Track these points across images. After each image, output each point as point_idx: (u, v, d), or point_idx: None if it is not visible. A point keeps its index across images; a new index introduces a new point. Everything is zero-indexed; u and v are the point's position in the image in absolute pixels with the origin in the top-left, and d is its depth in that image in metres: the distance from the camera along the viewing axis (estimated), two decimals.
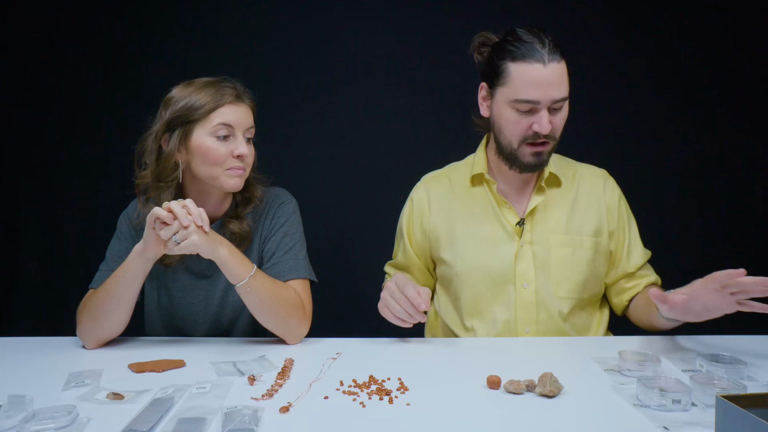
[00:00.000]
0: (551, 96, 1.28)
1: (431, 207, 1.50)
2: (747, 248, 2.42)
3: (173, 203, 1.16)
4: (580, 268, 1.40)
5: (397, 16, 2.45)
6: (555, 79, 1.27)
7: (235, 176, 1.28)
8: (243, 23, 2.45)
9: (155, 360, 1.18)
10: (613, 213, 1.45)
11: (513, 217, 1.42)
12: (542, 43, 1.27)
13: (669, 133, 2.45)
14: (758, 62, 2.40)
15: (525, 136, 1.33)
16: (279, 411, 0.94)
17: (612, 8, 2.40)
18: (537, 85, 1.27)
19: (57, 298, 2.50)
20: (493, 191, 1.44)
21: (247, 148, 1.29)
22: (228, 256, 1.21)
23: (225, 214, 1.38)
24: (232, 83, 1.31)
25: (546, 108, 1.29)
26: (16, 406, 0.93)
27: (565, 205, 1.44)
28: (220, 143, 1.26)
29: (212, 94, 1.26)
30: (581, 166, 1.52)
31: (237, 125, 1.27)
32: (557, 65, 1.27)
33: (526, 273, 1.40)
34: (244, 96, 1.31)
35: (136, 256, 1.22)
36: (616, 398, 0.99)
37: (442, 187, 1.52)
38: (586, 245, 1.41)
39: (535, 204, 1.41)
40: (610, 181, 1.50)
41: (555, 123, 1.32)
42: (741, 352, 1.20)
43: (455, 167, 1.56)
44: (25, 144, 2.50)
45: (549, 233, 1.41)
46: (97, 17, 2.44)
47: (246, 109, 1.31)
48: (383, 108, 2.47)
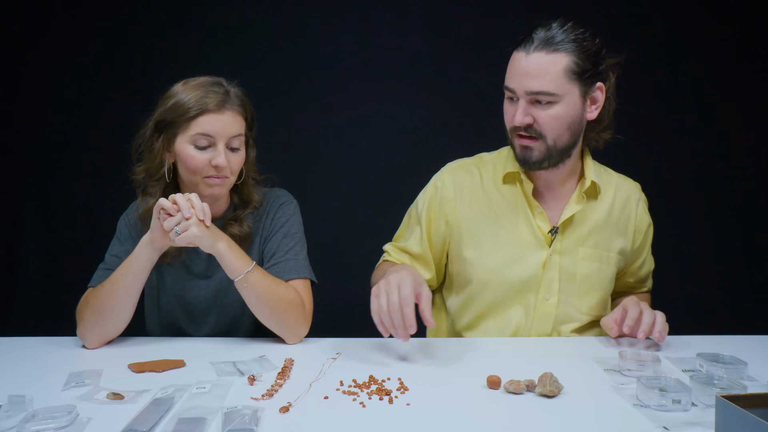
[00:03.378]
0: (526, 86, 1.23)
1: (457, 198, 1.40)
2: (748, 247, 2.42)
3: (179, 195, 1.19)
4: (602, 285, 1.38)
5: (399, 17, 2.45)
6: (535, 70, 1.23)
7: (213, 185, 1.27)
8: (246, 22, 2.45)
9: (155, 360, 1.18)
10: (640, 233, 1.43)
11: (545, 224, 1.36)
12: (539, 34, 1.24)
13: (669, 133, 2.45)
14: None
15: (512, 126, 1.29)
16: (279, 411, 0.94)
17: (612, 8, 2.41)
18: (516, 73, 1.25)
19: (57, 298, 2.50)
20: (526, 192, 1.37)
21: (227, 157, 1.25)
22: (227, 250, 1.22)
23: (224, 215, 1.38)
24: (224, 87, 1.28)
25: (525, 99, 1.25)
26: (16, 406, 0.93)
27: (599, 217, 1.38)
28: (198, 152, 1.25)
29: (196, 99, 1.23)
30: (617, 177, 1.46)
31: (217, 135, 1.24)
32: (544, 56, 1.22)
33: (551, 284, 1.35)
34: (233, 102, 1.27)
35: (143, 247, 1.24)
36: (616, 398, 0.99)
37: (471, 178, 1.42)
38: (612, 262, 1.38)
39: (572, 213, 1.34)
40: (643, 198, 1.46)
41: (540, 118, 1.25)
42: (741, 352, 1.20)
43: (485, 159, 1.46)
44: (26, 144, 2.50)
45: (578, 245, 1.36)
46: (98, 17, 2.44)
47: (231, 116, 1.26)
48: (384, 109, 2.47)
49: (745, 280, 2.38)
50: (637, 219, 1.42)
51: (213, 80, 1.29)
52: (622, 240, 1.40)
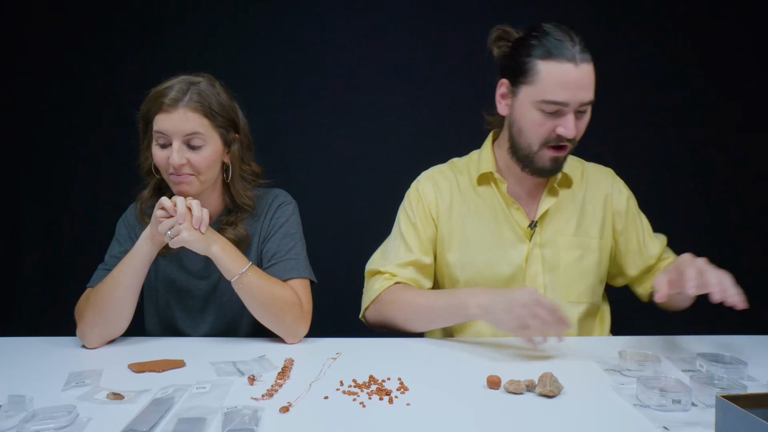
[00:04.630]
0: (580, 98, 1.21)
1: (439, 203, 1.43)
2: (748, 247, 2.42)
3: (179, 199, 1.21)
4: (588, 271, 1.39)
5: (401, 17, 2.45)
6: (585, 80, 1.21)
7: (178, 183, 1.26)
8: (246, 22, 2.45)
9: (155, 360, 1.18)
10: (621, 214, 1.43)
11: (523, 219, 1.38)
12: (573, 41, 1.21)
13: (669, 131, 2.45)
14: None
15: (547, 138, 1.26)
16: (279, 411, 0.94)
17: (611, 7, 2.41)
18: (568, 86, 1.20)
19: (57, 298, 2.50)
20: (503, 191, 1.39)
21: (185, 155, 1.24)
22: (221, 252, 1.24)
23: (219, 218, 1.38)
24: (186, 84, 1.25)
25: (572, 111, 1.23)
26: (16, 406, 0.93)
27: (575, 206, 1.41)
28: (159, 150, 1.26)
29: (153, 100, 1.25)
30: (589, 165, 1.48)
31: (171, 133, 1.24)
32: (587, 66, 1.21)
33: (536, 278, 1.37)
34: (188, 98, 1.24)
35: (144, 241, 1.26)
36: (616, 398, 0.99)
37: (448, 183, 1.45)
38: (594, 247, 1.40)
39: (548, 206, 1.37)
40: (618, 181, 1.47)
41: (579, 127, 1.26)
42: (741, 352, 1.20)
43: (457, 164, 1.49)
44: (26, 144, 2.50)
45: (558, 235, 1.38)
46: (98, 17, 2.43)
47: (185, 113, 1.23)
48: (384, 109, 2.47)
49: (745, 281, 2.37)
50: (615, 199, 1.43)
51: (179, 79, 1.27)
52: (602, 224, 1.41)
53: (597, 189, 1.44)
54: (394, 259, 1.41)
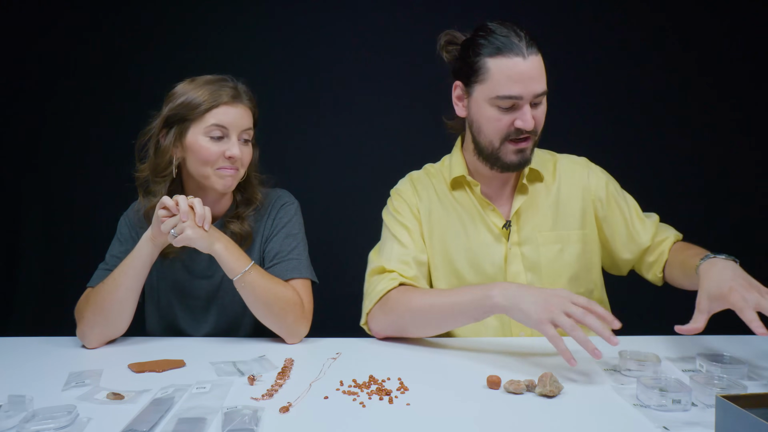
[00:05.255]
0: (533, 90, 1.23)
1: (420, 206, 1.43)
2: (747, 247, 2.42)
3: (181, 198, 1.21)
4: (570, 265, 1.38)
5: (402, 17, 2.45)
6: (535, 72, 1.23)
7: (226, 176, 1.29)
8: (247, 22, 2.45)
9: (155, 360, 1.18)
10: (602, 200, 1.41)
11: (498, 220, 1.38)
12: (518, 36, 1.23)
13: (669, 130, 2.45)
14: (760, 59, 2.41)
15: (507, 133, 1.27)
16: (279, 411, 0.94)
17: (611, 7, 2.41)
18: (519, 79, 1.22)
19: (57, 298, 2.50)
20: (476, 194, 1.39)
21: (241, 149, 1.29)
22: (224, 251, 1.24)
23: (226, 213, 1.38)
24: (234, 83, 1.32)
25: (528, 103, 1.25)
26: (16, 406, 0.93)
27: (549, 200, 1.40)
28: (212, 143, 1.27)
29: (210, 93, 1.27)
30: (561, 157, 1.47)
31: (231, 126, 1.28)
32: (536, 58, 1.23)
33: (517, 276, 1.37)
34: (243, 97, 1.31)
35: (144, 243, 1.26)
36: (616, 398, 0.99)
37: (426, 190, 1.45)
38: (574, 239, 1.39)
39: (520, 204, 1.37)
40: (593, 168, 1.46)
41: (537, 118, 1.27)
42: (741, 352, 1.20)
43: (431, 170, 1.49)
44: (26, 144, 2.50)
45: (536, 232, 1.38)
46: (98, 17, 2.44)
47: (243, 110, 1.30)
48: (385, 109, 2.47)
49: None
50: (592, 186, 1.42)
51: (221, 77, 1.32)
52: (582, 215, 1.40)
53: (572, 180, 1.42)
54: (396, 258, 1.37)
